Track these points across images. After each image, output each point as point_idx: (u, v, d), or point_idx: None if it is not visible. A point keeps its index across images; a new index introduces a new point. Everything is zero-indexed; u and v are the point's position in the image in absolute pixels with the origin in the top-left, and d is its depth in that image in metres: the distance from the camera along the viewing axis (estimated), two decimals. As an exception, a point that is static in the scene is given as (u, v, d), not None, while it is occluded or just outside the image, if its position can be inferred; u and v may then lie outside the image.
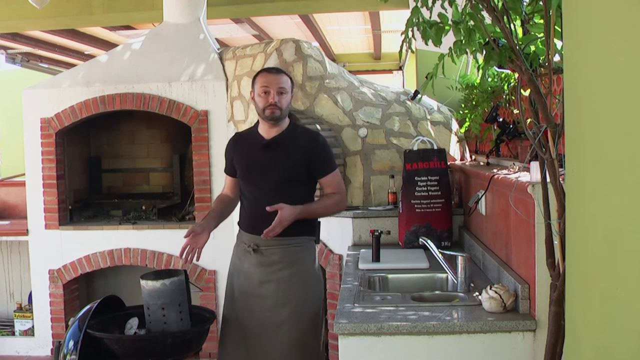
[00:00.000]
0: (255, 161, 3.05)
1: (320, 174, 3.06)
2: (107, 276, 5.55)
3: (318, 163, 3.04)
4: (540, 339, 2.34)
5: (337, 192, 3.08)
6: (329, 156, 3.11)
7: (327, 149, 3.11)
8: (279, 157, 3.02)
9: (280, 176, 2.99)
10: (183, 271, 3.11)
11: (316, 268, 3.13)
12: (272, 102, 2.95)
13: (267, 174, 3.00)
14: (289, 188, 3.00)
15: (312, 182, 3.10)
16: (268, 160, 3.02)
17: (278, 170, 3.00)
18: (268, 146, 3.03)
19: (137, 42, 5.37)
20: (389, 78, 11.44)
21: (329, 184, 3.08)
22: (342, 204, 3.12)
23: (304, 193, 3.07)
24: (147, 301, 3.02)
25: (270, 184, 2.99)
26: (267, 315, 3.00)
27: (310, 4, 6.63)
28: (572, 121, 1.47)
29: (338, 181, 3.11)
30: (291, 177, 3.01)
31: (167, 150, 5.82)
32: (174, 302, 3.01)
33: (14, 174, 6.92)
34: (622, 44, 1.19)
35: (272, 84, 2.97)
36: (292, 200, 2.97)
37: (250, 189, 3.08)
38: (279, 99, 2.96)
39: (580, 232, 1.44)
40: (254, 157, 3.06)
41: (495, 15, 2.00)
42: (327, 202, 3.06)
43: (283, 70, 3.11)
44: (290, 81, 3.06)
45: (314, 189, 3.13)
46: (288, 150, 3.02)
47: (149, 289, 3.01)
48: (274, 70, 3.07)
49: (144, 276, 3.05)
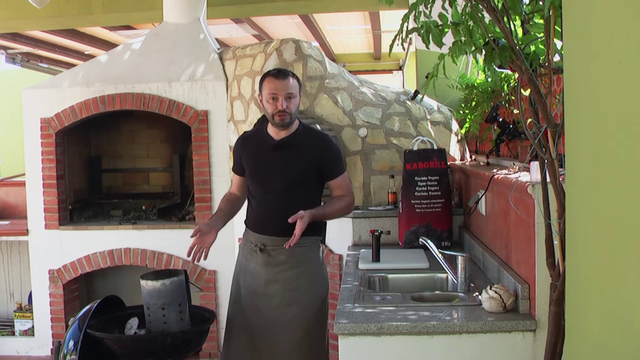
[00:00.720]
0: (264, 162, 3.03)
1: (330, 176, 3.05)
2: (107, 276, 5.55)
3: (328, 166, 3.03)
4: (540, 339, 2.34)
5: (347, 195, 3.08)
6: (339, 159, 3.09)
7: (337, 152, 3.10)
8: (288, 158, 3.00)
9: (289, 177, 2.98)
10: (183, 271, 3.12)
11: (322, 268, 3.13)
12: (281, 109, 2.92)
13: (276, 174, 2.99)
14: (297, 189, 3.00)
15: (320, 184, 3.09)
16: (277, 161, 3.00)
17: (287, 171, 2.99)
18: (277, 147, 3.01)
19: (137, 42, 5.37)
20: (389, 78, 11.45)
21: (338, 187, 3.07)
22: (351, 207, 3.13)
23: (312, 194, 3.06)
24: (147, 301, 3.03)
25: (278, 185, 2.99)
26: (273, 314, 3.00)
27: (310, 4, 6.63)
28: (572, 121, 1.47)
29: (347, 184, 3.11)
30: (300, 178, 3.00)
31: (167, 150, 5.81)
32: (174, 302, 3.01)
33: (14, 174, 6.92)
34: (622, 43, 1.19)
35: (279, 90, 2.92)
36: (300, 200, 2.97)
37: (258, 189, 3.06)
38: (288, 105, 2.93)
39: (580, 232, 1.44)
40: (262, 157, 3.05)
41: (495, 16, 2.00)
42: (338, 205, 3.05)
43: (290, 73, 3.03)
44: (298, 82, 3.02)
45: (321, 190, 3.12)
46: (298, 152, 3.00)
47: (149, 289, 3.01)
48: (281, 75, 2.97)
49: (144, 276, 3.05)
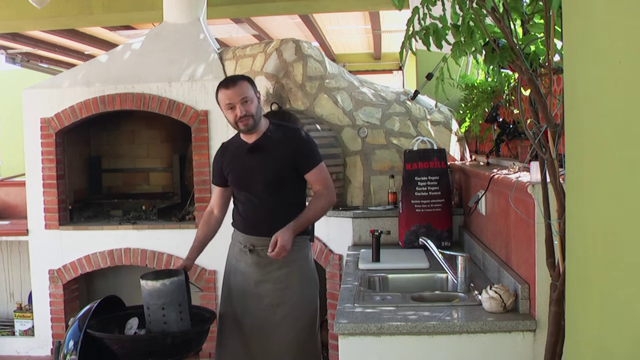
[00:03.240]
0: (243, 166, 3.06)
1: (305, 169, 3.03)
2: (107, 276, 5.55)
3: (302, 158, 3.02)
4: (540, 339, 2.34)
5: (324, 189, 3.04)
6: (313, 150, 3.06)
7: (309, 144, 3.07)
8: (264, 159, 3.01)
9: (268, 178, 3.00)
10: (183, 271, 3.12)
11: (312, 267, 3.14)
12: (241, 115, 2.94)
13: (256, 177, 3.01)
14: (279, 188, 3.01)
15: (302, 181, 3.08)
16: (254, 165, 3.02)
17: (266, 172, 3.00)
18: (252, 150, 3.04)
19: (137, 42, 5.37)
20: (389, 78, 11.45)
21: (315, 180, 3.05)
22: (331, 201, 3.08)
23: (295, 192, 3.07)
24: (147, 301, 3.02)
25: (260, 187, 3.00)
26: (264, 314, 3.02)
27: (310, 4, 6.63)
28: (572, 121, 1.47)
29: (324, 177, 3.07)
30: (279, 177, 3.01)
31: (167, 150, 5.82)
32: (174, 302, 3.01)
33: (14, 174, 6.92)
34: (622, 43, 1.19)
35: (232, 98, 2.94)
36: (284, 198, 3.00)
37: (242, 193, 3.10)
38: (246, 109, 2.94)
39: (580, 232, 1.44)
40: (241, 162, 3.07)
41: (496, 16, 2.00)
42: (316, 206, 3.03)
43: (239, 77, 3.03)
44: (251, 84, 3.01)
45: (304, 187, 3.11)
46: (272, 151, 3.02)
47: (149, 289, 3.01)
48: (231, 83, 2.98)
49: (144, 276, 3.05)
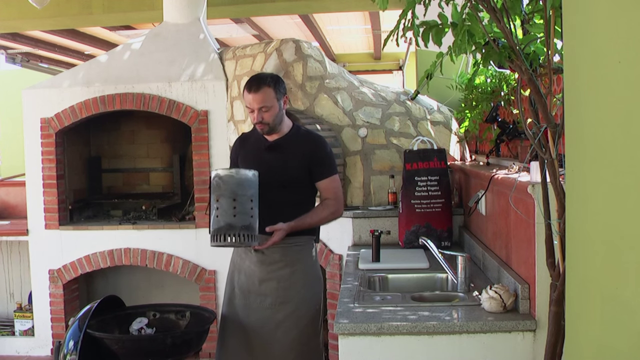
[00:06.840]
0: (258, 162, 3.05)
1: (319, 177, 3.06)
2: (107, 276, 5.55)
3: (318, 167, 3.05)
4: (540, 339, 2.34)
5: (333, 199, 3.06)
6: (330, 161, 3.10)
7: (328, 154, 3.11)
8: (280, 159, 3.04)
9: (281, 178, 3.01)
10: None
11: (316, 267, 3.14)
12: (257, 122, 2.98)
13: (269, 175, 3.00)
14: (289, 190, 3.02)
15: (314, 186, 3.10)
16: (270, 162, 3.04)
17: (279, 172, 3.02)
18: (270, 148, 3.06)
19: (137, 42, 5.37)
20: (389, 78, 11.44)
21: (326, 189, 3.07)
22: (338, 213, 3.10)
23: (305, 195, 3.09)
24: (235, 191, 2.84)
25: (271, 186, 3.00)
26: (266, 313, 3.02)
27: (310, 4, 6.63)
28: (572, 121, 1.47)
29: (335, 187, 3.09)
30: (292, 179, 3.03)
31: (167, 150, 5.81)
32: (257, 195, 2.89)
33: (14, 174, 6.92)
34: (622, 43, 1.19)
35: (252, 104, 2.97)
36: (292, 201, 3.01)
37: None
38: (263, 117, 2.97)
39: (580, 232, 1.44)
40: (256, 157, 3.08)
41: (495, 15, 2.00)
42: (321, 213, 3.06)
43: (264, 82, 2.98)
44: (274, 88, 2.98)
45: (315, 192, 3.13)
46: (290, 153, 3.04)
47: (239, 178, 2.85)
48: (254, 88, 2.97)
49: (220, 169, 2.92)
